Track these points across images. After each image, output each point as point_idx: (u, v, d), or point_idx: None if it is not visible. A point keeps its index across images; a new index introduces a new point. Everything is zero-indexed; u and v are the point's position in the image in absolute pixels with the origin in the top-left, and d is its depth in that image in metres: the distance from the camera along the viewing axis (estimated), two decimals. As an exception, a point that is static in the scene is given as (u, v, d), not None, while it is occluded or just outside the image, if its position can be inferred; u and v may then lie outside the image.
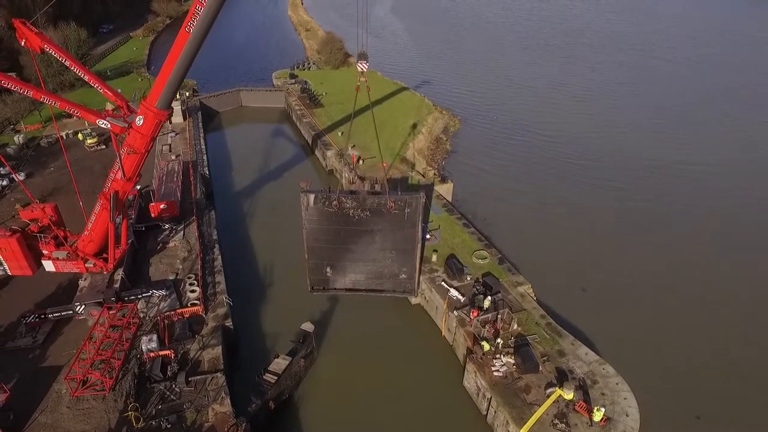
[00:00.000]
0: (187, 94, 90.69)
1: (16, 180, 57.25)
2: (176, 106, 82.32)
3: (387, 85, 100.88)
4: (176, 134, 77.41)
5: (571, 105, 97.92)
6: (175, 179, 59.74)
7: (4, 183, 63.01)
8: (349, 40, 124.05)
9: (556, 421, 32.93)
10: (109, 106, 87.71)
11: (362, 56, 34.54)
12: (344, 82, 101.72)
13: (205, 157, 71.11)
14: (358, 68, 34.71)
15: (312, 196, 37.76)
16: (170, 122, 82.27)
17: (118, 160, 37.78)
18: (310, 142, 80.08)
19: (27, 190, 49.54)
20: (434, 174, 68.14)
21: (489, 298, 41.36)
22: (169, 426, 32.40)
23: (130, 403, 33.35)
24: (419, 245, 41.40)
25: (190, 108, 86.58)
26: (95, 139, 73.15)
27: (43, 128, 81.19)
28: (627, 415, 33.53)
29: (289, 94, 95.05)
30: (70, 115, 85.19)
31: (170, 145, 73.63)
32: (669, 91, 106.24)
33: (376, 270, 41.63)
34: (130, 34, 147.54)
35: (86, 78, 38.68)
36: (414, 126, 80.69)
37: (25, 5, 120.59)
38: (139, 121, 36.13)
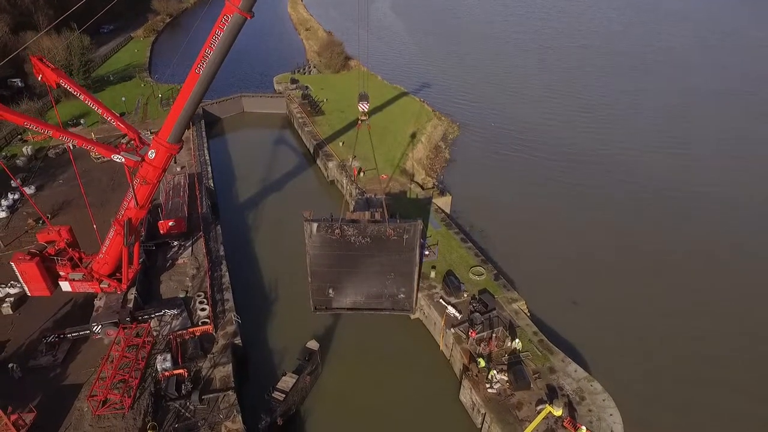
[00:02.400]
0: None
1: (27, 197, 58.90)
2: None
3: (387, 90, 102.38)
4: (181, 144, 78.94)
5: (573, 113, 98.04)
6: (181, 194, 61.66)
7: (16, 196, 64.88)
8: (349, 40, 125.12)
9: (546, 437, 35.37)
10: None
11: (363, 97, 36.38)
12: (345, 87, 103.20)
13: (209, 169, 72.97)
14: (359, 108, 36.62)
15: (315, 225, 39.80)
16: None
17: (131, 189, 39.77)
18: (311, 150, 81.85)
19: (37, 208, 51.73)
20: (433, 185, 70.15)
21: (482, 324, 43.26)
22: (184, 443, 34.83)
23: (149, 422, 35.73)
24: (417, 268, 43.55)
25: (193, 116, 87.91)
26: (102, 151, 74.67)
27: (50, 138, 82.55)
28: (612, 431, 35.94)
29: (290, 100, 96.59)
30: (76, 124, 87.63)
31: (175, 156, 75.12)
32: (678, 103, 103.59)
33: (376, 291, 43.89)
34: (131, 34, 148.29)
35: (99, 111, 40.53)
36: (413, 135, 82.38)
37: (27, 9, 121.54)
38: (151, 154, 38.12)
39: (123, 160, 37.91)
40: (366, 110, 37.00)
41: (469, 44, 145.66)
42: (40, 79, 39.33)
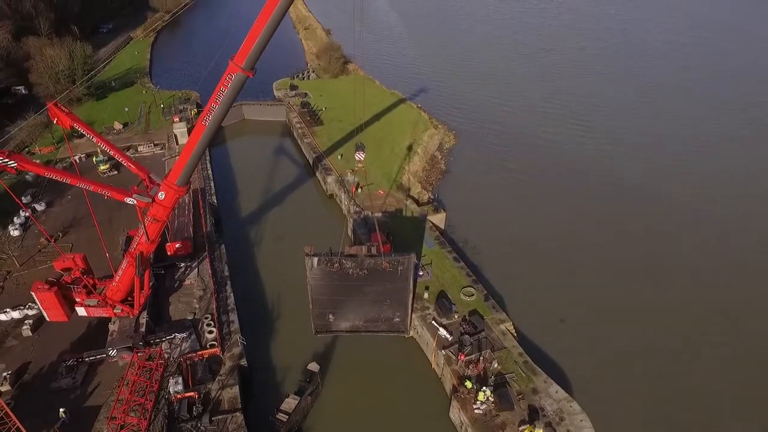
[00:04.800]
0: (193, 112, 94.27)
1: (35, 222, 61.03)
2: (182, 127, 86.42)
3: (385, 97, 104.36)
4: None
5: (572, 123, 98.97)
6: (186, 213, 64.38)
7: (27, 214, 67.45)
8: (348, 39, 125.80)
9: (527, 457, 38.77)
10: (117, 125, 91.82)
11: (360, 147, 39.02)
12: (343, 93, 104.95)
13: (212, 184, 75.51)
14: (356, 157, 39.24)
15: (316, 259, 42.72)
16: (177, 143, 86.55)
17: (142, 226, 42.56)
18: (311, 162, 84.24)
19: (44, 231, 55.50)
20: (428, 200, 72.85)
21: (471, 346, 46.40)
22: (197, 464, 38.19)
23: (163, 443, 39.07)
24: (411, 295, 46.60)
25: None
26: (107, 165, 77.21)
27: (57, 150, 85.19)
28: (587, 451, 39.34)
29: (290, 108, 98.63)
30: (81, 136, 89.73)
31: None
32: (681, 111, 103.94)
33: (373, 315, 47.08)
34: (130, 35, 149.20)
35: (112, 153, 43.19)
36: (410, 147, 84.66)
37: (28, 13, 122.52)
38: (161, 195, 40.82)
39: (135, 202, 40.59)
40: (362, 159, 39.56)
41: (471, 47, 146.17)
42: (55, 122, 41.60)
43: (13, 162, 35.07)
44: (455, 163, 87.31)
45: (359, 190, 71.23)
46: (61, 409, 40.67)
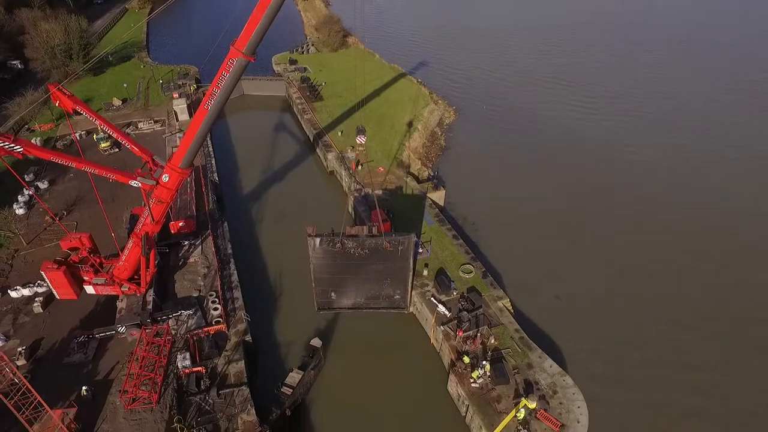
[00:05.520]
0: (192, 88, 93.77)
1: (39, 201, 61.74)
2: (182, 104, 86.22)
3: (385, 71, 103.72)
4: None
5: (574, 100, 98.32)
6: (188, 191, 65.07)
7: (31, 193, 68.17)
8: (348, 11, 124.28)
9: (520, 427, 40.61)
10: (116, 101, 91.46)
11: (360, 131, 39.33)
12: (343, 67, 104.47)
13: (213, 161, 75.93)
14: (357, 140, 39.55)
15: (318, 240, 43.67)
16: (177, 120, 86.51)
17: (147, 208, 43.37)
18: (311, 138, 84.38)
19: (49, 210, 56.06)
20: (428, 176, 73.49)
21: (468, 322, 47.87)
22: (207, 434, 40.08)
23: (174, 415, 40.89)
24: (411, 273, 47.78)
25: (195, 103, 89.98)
26: (108, 143, 77.44)
27: (57, 127, 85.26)
28: (578, 422, 41.17)
29: (289, 83, 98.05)
30: (78, 113, 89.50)
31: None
32: (688, 87, 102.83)
33: (374, 293, 48.35)
34: (125, 6, 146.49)
35: (115, 135, 43.56)
36: (410, 123, 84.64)
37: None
38: (165, 178, 41.48)
39: (140, 185, 41.27)
40: (363, 142, 39.92)
41: (473, 21, 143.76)
42: (57, 104, 41.88)
43: (19, 147, 35.55)
44: (455, 139, 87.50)
45: (359, 167, 71.71)
46: (84, 387, 42.16)
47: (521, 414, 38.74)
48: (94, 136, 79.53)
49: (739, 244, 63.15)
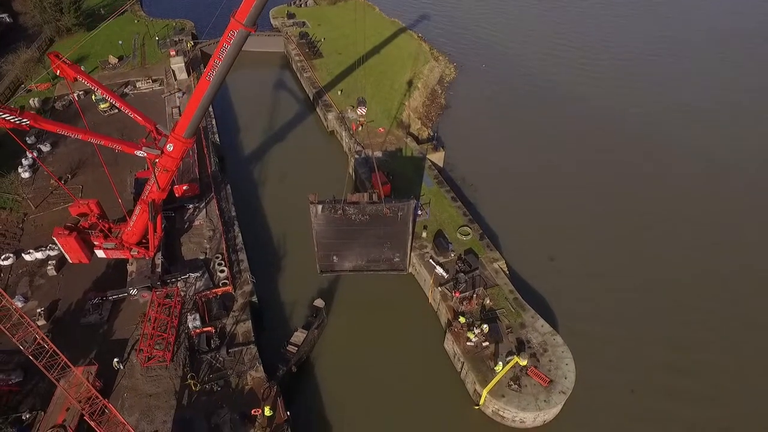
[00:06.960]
0: (189, 45, 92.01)
1: (43, 167, 62.44)
2: (179, 62, 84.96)
3: (385, 26, 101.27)
4: (183, 94, 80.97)
5: (578, 62, 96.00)
6: (190, 153, 65.56)
7: (36, 154, 68.79)
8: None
9: (512, 383, 43.45)
10: (112, 59, 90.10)
11: (361, 102, 39.47)
12: (342, 22, 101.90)
13: (214, 122, 75.90)
14: (358, 111, 39.79)
15: (320, 207, 44.92)
16: (175, 79, 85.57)
17: (153, 176, 44.34)
18: (311, 97, 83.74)
19: (53, 175, 56.99)
20: (428, 137, 73.72)
21: (465, 283, 49.95)
22: (218, 389, 42.91)
23: (187, 371, 43.68)
24: (410, 237, 49.36)
25: (193, 60, 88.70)
26: (107, 104, 77.08)
27: (53, 86, 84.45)
28: (566, 378, 43.96)
29: (288, 39, 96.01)
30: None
31: (179, 107, 77.79)
32: (693, 53, 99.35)
33: (374, 256, 50.22)
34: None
35: (117, 104, 43.77)
36: (410, 81, 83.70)
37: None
38: (169, 147, 42.18)
39: (146, 155, 42.04)
40: (363, 113, 40.22)
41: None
42: (58, 74, 41.93)
43: (26, 120, 36.08)
44: (455, 97, 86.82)
45: (360, 128, 71.78)
46: (116, 360, 44.05)
47: (524, 361, 41.75)
48: (93, 96, 78.95)
49: (740, 202, 63.93)
